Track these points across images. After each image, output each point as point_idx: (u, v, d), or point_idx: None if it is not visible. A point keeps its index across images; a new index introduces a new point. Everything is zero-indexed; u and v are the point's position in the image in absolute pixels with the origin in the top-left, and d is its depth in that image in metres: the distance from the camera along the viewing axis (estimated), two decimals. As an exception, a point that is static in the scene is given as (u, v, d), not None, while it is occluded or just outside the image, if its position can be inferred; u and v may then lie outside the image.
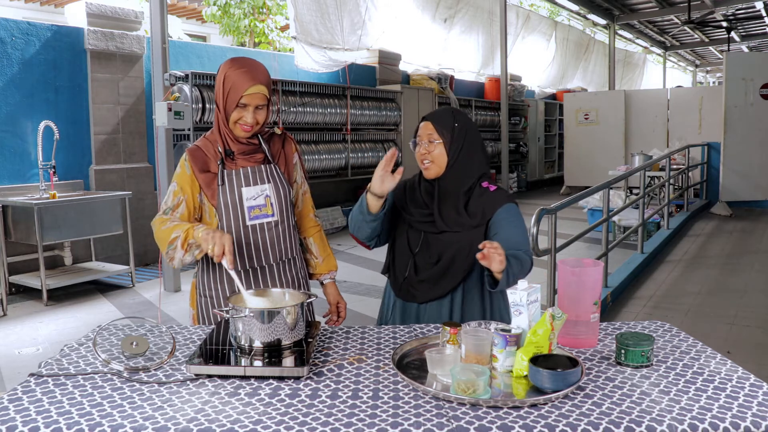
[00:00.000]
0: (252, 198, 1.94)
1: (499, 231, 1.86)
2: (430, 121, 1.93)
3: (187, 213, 1.92)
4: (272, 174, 1.99)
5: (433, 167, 1.91)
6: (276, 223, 1.98)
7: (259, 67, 1.91)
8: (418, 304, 1.95)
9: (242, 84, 1.85)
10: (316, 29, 8.07)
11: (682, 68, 25.31)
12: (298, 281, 2.08)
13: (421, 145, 1.93)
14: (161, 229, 1.86)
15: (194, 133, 6.27)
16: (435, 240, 1.91)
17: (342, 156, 8.34)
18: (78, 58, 5.95)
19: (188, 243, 1.80)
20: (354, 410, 1.28)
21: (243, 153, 1.96)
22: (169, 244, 1.82)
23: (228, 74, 1.87)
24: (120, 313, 4.85)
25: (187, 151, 1.96)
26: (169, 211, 1.91)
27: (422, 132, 1.93)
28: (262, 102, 1.89)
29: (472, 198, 1.91)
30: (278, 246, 2.00)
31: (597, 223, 4.85)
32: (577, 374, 1.36)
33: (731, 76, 9.38)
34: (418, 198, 1.97)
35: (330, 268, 2.17)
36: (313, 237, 2.16)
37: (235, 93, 1.86)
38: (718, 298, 5.10)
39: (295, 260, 2.07)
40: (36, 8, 11.88)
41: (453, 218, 1.89)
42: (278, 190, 1.98)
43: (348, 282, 5.60)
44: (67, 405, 1.32)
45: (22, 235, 5.14)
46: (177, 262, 1.84)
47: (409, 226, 1.97)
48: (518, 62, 13.40)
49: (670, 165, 7.50)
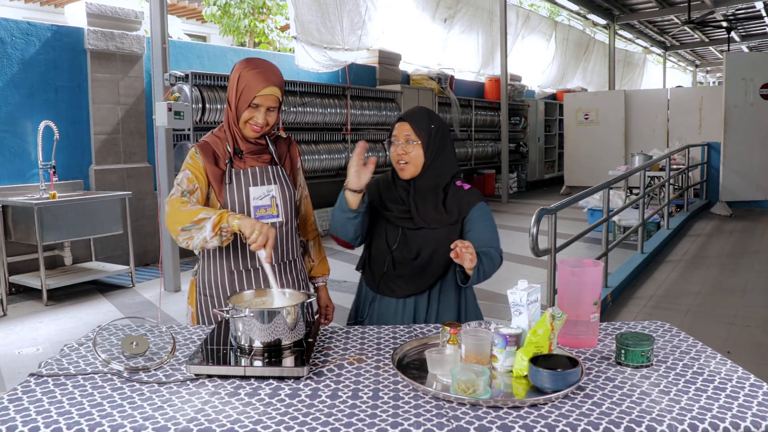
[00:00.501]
0: (258, 198, 1.95)
1: (472, 228, 1.94)
2: (408, 122, 1.94)
3: (201, 199, 1.91)
4: (278, 175, 2.00)
5: (409, 168, 1.93)
6: (280, 224, 1.99)
7: (274, 69, 1.92)
8: (397, 299, 1.98)
9: (256, 85, 1.86)
10: (316, 29, 8.07)
11: (682, 68, 25.31)
12: (299, 283, 2.09)
13: (397, 145, 1.94)
14: (181, 210, 1.78)
15: (194, 133, 6.27)
16: (413, 235, 1.94)
17: (342, 156, 8.34)
18: (78, 58, 5.95)
19: (220, 227, 1.73)
20: (354, 410, 1.28)
21: (251, 153, 1.97)
22: (193, 223, 1.75)
23: (243, 74, 1.88)
24: (120, 313, 4.85)
25: (195, 145, 1.96)
26: (187, 194, 1.88)
27: (399, 132, 1.94)
28: (274, 104, 1.90)
29: (448, 196, 1.96)
30: (282, 247, 2.01)
31: (597, 223, 4.85)
32: (577, 374, 1.36)
33: (731, 76, 9.38)
34: (394, 194, 1.99)
35: (323, 272, 2.21)
36: (312, 240, 2.20)
37: (249, 93, 1.86)
38: (718, 298, 5.10)
39: (296, 262, 2.09)
40: (36, 8, 11.88)
41: (431, 215, 1.93)
42: (284, 191, 1.99)
43: (348, 282, 5.60)
44: (67, 405, 1.32)
45: (22, 235, 5.14)
46: (197, 242, 1.75)
47: (387, 221, 1.99)
48: (518, 62, 13.41)
49: (670, 165, 7.50)
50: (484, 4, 11.86)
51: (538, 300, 1.58)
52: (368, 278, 2.05)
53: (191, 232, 1.76)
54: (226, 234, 1.76)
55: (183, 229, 1.77)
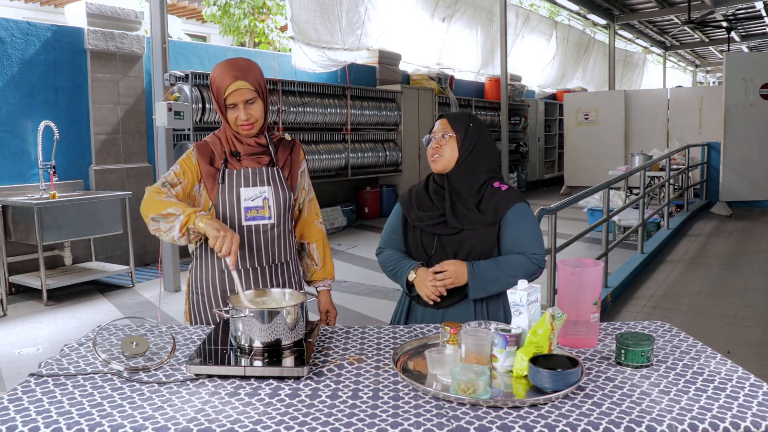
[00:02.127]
0: (250, 199, 1.94)
1: (506, 232, 1.90)
2: (447, 118, 1.97)
3: (182, 195, 1.92)
4: (273, 177, 1.98)
5: (441, 160, 1.92)
6: (272, 226, 1.98)
7: (242, 62, 1.91)
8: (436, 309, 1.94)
9: (222, 84, 1.87)
10: (314, 29, 8.07)
11: (682, 68, 25.31)
12: (291, 285, 2.06)
13: (434, 140, 1.95)
14: (155, 199, 1.84)
15: (194, 133, 6.28)
16: (449, 241, 1.91)
17: (342, 156, 8.34)
18: (78, 58, 5.95)
19: (187, 227, 1.78)
20: (354, 410, 1.28)
21: (249, 154, 1.96)
22: (161, 216, 1.80)
23: (212, 78, 1.91)
24: (120, 313, 4.85)
25: (194, 144, 1.98)
26: (168, 186, 1.90)
27: (437, 128, 1.96)
28: (249, 96, 1.88)
29: (484, 197, 1.91)
30: (272, 249, 1.99)
31: (597, 223, 4.85)
32: (577, 374, 1.36)
33: (731, 76, 9.38)
34: (426, 202, 1.97)
35: (327, 275, 2.16)
36: (316, 243, 2.15)
37: (220, 93, 1.88)
38: (718, 298, 5.10)
39: (288, 264, 2.06)
40: (36, 8, 11.88)
41: (465, 216, 1.89)
42: (278, 193, 1.97)
43: (348, 282, 5.59)
44: (67, 405, 1.32)
45: (22, 235, 5.14)
46: (167, 238, 1.82)
47: (421, 231, 1.97)
48: (518, 62, 13.40)
49: (670, 165, 7.50)
50: (484, 4, 11.86)
51: (538, 300, 1.58)
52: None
53: (159, 224, 1.81)
54: (194, 233, 1.80)
55: (152, 218, 1.82)
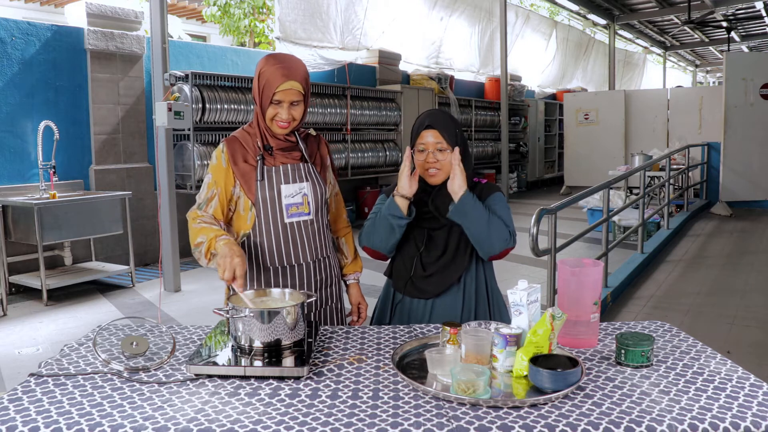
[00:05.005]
0: (290, 196, 1.94)
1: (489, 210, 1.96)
2: (437, 129, 1.92)
3: (219, 207, 1.92)
4: (310, 173, 1.99)
5: (440, 174, 1.94)
6: (311, 222, 1.99)
7: (295, 62, 1.92)
8: (426, 299, 1.98)
9: (275, 80, 1.85)
10: (302, 28, 8.04)
11: (682, 68, 25.31)
12: (331, 280, 2.08)
13: (427, 153, 1.93)
14: (192, 227, 1.89)
15: (194, 133, 6.28)
16: (438, 235, 1.97)
17: (342, 156, 8.34)
18: (78, 58, 5.95)
19: (210, 253, 1.81)
20: (354, 410, 1.28)
21: (282, 149, 1.96)
22: (195, 246, 1.85)
23: (263, 71, 1.88)
24: (120, 313, 4.85)
25: (224, 141, 1.96)
26: (203, 205, 1.92)
27: (430, 140, 1.92)
28: (296, 98, 1.89)
29: None
30: (313, 244, 2.00)
31: (597, 223, 4.85)
32: (577, 374, 1.36)
33: (731, 76, 9.38)
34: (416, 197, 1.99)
35: (356, 269, 2.19)
36: (345, 237, 2.18)
37: (269, 89, 1.86)
38: (718, 298, 5.10)
39: (328, 259, 2.07)
40: (36, 8, 11.87)
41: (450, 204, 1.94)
42: (315, 189, 1.98)
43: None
44: (67, 405, 1.32)
45: (22, 235, 5.14)
46: (204, 264, 1.86)
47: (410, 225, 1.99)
48: (518, 62, 13.40)
49: (670, 165, 7.50)
50: (483, 4, 11.86)
51: (538, 300, 1.58)
52: (397, 282, 2.05)
53: (196, 254, 1.87)
54: None
55: (192, 250, 1.88)
